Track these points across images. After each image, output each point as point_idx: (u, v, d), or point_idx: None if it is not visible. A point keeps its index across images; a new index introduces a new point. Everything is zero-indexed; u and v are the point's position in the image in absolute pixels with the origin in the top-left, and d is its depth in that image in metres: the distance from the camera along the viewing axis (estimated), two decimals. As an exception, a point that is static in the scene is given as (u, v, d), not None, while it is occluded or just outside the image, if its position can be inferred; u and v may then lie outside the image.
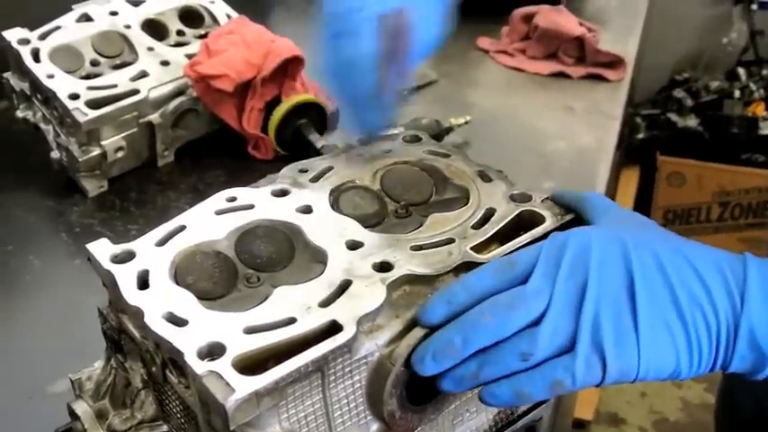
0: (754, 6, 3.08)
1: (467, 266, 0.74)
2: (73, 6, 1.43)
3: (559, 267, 0.68)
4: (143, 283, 0.72)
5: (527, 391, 0.67)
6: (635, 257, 0.67)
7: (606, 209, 0.78)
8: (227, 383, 0.61)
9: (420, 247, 0.76)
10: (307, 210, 0.81)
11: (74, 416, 0.80)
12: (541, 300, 0.67)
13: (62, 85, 1.29)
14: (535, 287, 0.67)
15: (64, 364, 0.87)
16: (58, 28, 1.39)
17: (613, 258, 0.68)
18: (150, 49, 1.40)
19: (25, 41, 1.34)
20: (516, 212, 0.81)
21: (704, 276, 0.67)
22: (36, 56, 1.33)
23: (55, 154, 1.33)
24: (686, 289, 0.66)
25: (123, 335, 0.75)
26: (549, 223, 0.79)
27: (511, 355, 0.67)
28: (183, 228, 0.78)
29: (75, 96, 1.28)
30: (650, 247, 0.69)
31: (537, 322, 0.67)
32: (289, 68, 1.39)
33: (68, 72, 1.33)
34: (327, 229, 0.78)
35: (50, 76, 1.30)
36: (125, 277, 0.72)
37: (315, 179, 0.86)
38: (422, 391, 0.72)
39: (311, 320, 0.67)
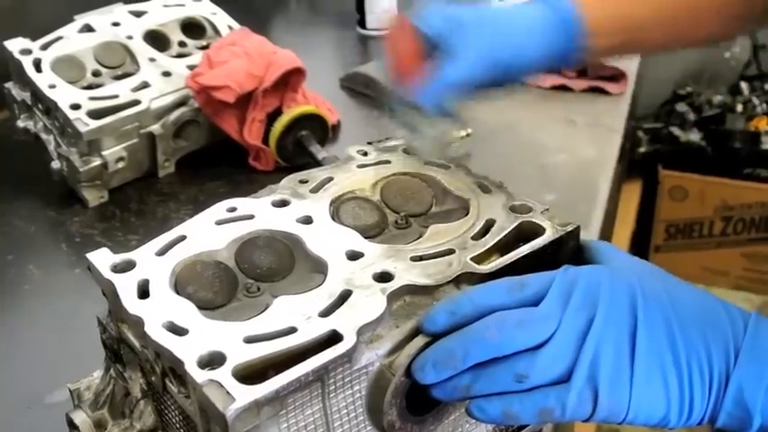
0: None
1: (467, 277, 0.74)
2: (75, 17, 1.44)
3: (570, 298, 0.68)
4: (143, 292, 0.71)
5: (515, 412, 0.67)
6: (641, 302, 0.68)
7: (614, 256, 0.78)
8: (228, 392, 0.60)
9: (420, 258, 0.76)
10: (307, 220, 0.81)
11: (72, 426, 0.80)
12: (550, 325, 0.66)
13: (63, 95, 1.29)
14: (546, 312, 0.67)
15: (62, 374, 0.87)
16: (59, 38, 1.39)
17: (621, 300, 0.68)
18: (152, 59, 1.40)
19: (27, 51, 1.35)
20: (516, 223, 0.81)
21: (705, 330, 0.67)
22: (38, 66, 1.33)
23: (56, 164, 1.34)
24: (686, 340, 0.67)
25: (123, 344, 0.75)
26: (548, 234, 0.79)
27: (507, 374, 0.67)
28: (183, 238, 0.78)
29: (76, 107, 1.28)
30: (657, 293, 0.69)
31: (538, 347, 0.66)
32: (290, 80, 1.39)
33: (70, 82, 1.33)
34: (327, 239, 0.78)
35: (52, 87, 1.30)
36: (125, 287, 0.72)
37: (315, 190, 0.86)
38: (422, 402, 0.71)
39: (311, 330, 0.66)
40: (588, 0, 1.01)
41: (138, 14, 1.48)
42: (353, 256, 0.76)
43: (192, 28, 1.51)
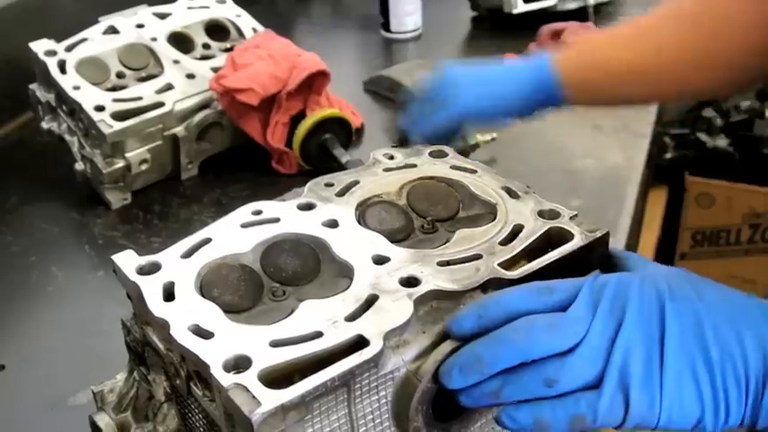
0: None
1: (494, 283, 0.74)
2: (99, 19, 1.44)
3: (599, 303, 0.67)
4: (169, 295, 0.71)
5: (547, 419, 0.66)
6: (670, 306, 0.67)
7: (644, 265, 0.77)
8: (254, 396, 0.60)
9: (447, 263, 0.75)
10: (333, 224, 0.80)
11: (96, 428, 0.80)
12: (579, 329, 0.66)
13: (88, 96, 1.30)
14: (575, 316, 0.66)
15: (86, 376, 0.87)
16: (84, 40, 1.40)
17: (650, 303, 0.67)
18: (176, 61, 1.40)
19: (52, 53, 1.35)
20: (544, 229, 0.80)
21: (741, 331, 0.66)
22: (62, 67, 1.34)
23: (79, 166, 1.34)
24: (719, 342, 0.65)
25: (147, 347, 0.74)
26: (577, 240, 0.78)
27: (536, 378, 0.66)
28: (208, 240, 0.78)
29: (100, 108, 1.28)
30: (687, 296, 0.68)
31: (567, 352, 0.66)
32: (314, 83, 1.39)
33: (94, 84, 1.33)
34: (353, 243, 0.78)
35: (76, 88, 1.31)
36: (151, 289, 0.71)
37: (341, 193, 0.86)
38: (448, 409, 0.71)
39: (337, 335, 0.66)
40: (565, 56, 1.17)
41: (163, 16, 1.48)
42: (380, 260, 0.75)
43: (216, 30, 1.51)
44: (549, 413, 0.65)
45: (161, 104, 1.32)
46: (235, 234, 0.78)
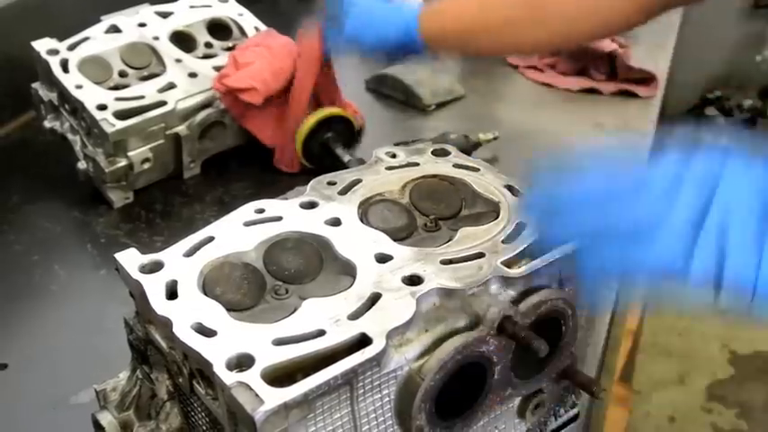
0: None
1: (497, 281, 0.73)
2: (102, 18, 1.44)
3: (690, 165, 0.64)
4: (171, 293, 0.71)
5: (637, 260, 0.63)
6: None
7: None
8: (256, 395, 0.60)
9: (450, 261, 0.75)
10: (335, 222, 0.80)
11: (98, 427, 0.80)
12: (671, 190, 0.63)
13: (90, 95, 1.29)
14: (665, 177, 0.64)
15: (88, 375, 0.87)
16: (86, 39, 1.39)
17: (744, 173, 0.63)
18: (178, 60, 1.40)
19: (54, 52, 1.35)
20: (547, 227, 0.80)
21: None
22: (65, 66, 1.33)
23: (81, 165, 1.34)
24: None
25: (150, 345, 0.74)
26: (580, 239, 0.78)
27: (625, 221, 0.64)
28: (211, 239, 0.78)
29: (102, 107, 1.28)
30: None
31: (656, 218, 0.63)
32: (316, 82, 1.39)
33: (96, 83, 1.33)
34: (356, 241, 0.78)
35: (79, 87, 1.30)
36: (153, 287, 0.71)
37: (343, 192, 0.86)
38: (450, 407, 0.71)
39: (340, 333, 0.66)
40: (428, 8, 1.30)
41: (165, 15, 1.48)
42: (382, 258, 0.75)
43: (219, 29, 1.51)
44: (640, 254, 0.63)
45: (163, 103, 1.32)
46: (237, 232, 0.79)
